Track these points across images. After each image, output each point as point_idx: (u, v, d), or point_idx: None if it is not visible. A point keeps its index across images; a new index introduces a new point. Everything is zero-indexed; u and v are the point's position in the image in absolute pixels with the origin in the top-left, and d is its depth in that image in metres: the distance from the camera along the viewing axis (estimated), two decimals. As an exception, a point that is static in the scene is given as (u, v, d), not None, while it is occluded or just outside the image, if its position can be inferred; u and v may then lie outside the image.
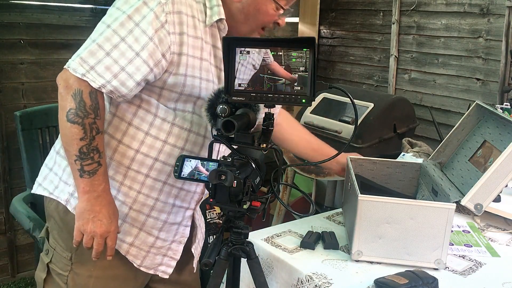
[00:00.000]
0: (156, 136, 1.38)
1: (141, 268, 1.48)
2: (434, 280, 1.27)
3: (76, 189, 1.35)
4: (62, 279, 1.45)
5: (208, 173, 1.25)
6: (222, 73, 1.41)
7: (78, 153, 1.29)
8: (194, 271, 1.64)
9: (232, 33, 1.40)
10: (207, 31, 1.38)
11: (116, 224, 1.34)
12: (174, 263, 1.53)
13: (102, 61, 1.26)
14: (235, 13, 1.38)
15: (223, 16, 1.36)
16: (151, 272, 1.50)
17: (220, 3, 1.36)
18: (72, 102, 1.26)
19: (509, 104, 2.44)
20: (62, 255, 1.45)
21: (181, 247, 1.54)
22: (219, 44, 1.39)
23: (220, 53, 1.40)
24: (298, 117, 3.03)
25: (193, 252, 1.60)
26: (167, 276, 1.53)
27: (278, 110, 1.72)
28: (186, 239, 1.54)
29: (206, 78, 1.38)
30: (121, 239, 1.43)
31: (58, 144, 1.47)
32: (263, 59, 1.57)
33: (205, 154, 1.42)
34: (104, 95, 1.30)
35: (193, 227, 1.58)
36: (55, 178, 1.45)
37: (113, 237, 1.34)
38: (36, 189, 1.49)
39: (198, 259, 1.62)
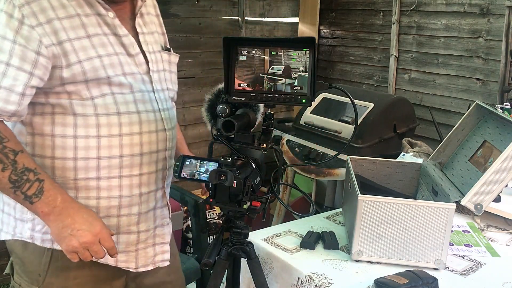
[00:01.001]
0: (86, 135, 1.25)
1: (140, 269, 1.42)
2: (434, 280, 1.27)
3: (33, 221, 1.27)
4: None
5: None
6: (125, 39, 1.30)
7: (11, 184, 1.17)
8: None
9: None
10: (81, 3, 1.23)
11: (99, 223, 1.23)
12: (167, 247, 1.46)
13: None
14: None
15: None
16: (150, 267, 1.44)
17: None
18: None
19: (509, 104, 2.44)
20: None
21: (167, 229, 1.47)
22: (102, 10, 1.26)
23: (109, 19, 1.26)
24: (298, 117, 3.03)
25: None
26: (168, 263, 1.47)
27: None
28: (168, 219, 1.48)
29: (106, 53, 1.25)
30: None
31: None
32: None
33: (147, 130, 1.34)
34: None
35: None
36: (10, 219, 1.35)
37: (105, 237, 1.23)
38: (3, 236, 1.38)
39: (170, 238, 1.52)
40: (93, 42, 1.24)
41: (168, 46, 1.50)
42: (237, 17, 3.77)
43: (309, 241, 1.51)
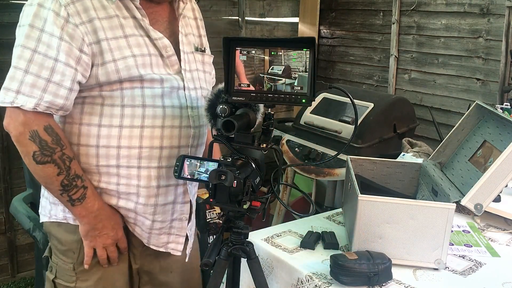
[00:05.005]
0: (109, 124, 1.32)
1: (151, 246, 1.45)
2: (389, 261, 1.30)
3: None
4: None
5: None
6: (158, 42, 1.34)
7: (61, 188, 1.29)
8: (186, 259, 1.55)
9: None
10: (120, 5, 1.30)
11: (121, 232, 1.40)
12: (182, 240, 1.49)
13: (24, 81, 1.21)
14: None
15: None
16: (162, 249, 1.47)
17: None
18: (33, 145, 1.25)
19: (509, 104, 2.44)
20: (65, 268, 1.43)
21: (184, 223, 1.48)
22: (138, 14, 1.31)
23: (144, 24, 1.32)
24: (298, 117, 3.03)
25: (187, 233, 1.51)
26: (178, 253, 1.49)
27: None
28: (188, 215, 1.49)
29: (140, 53, 1.30)
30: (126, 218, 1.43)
31: None
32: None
33: (169, 124, 1.37)
34: (54, 116, 1.28)
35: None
36: (47, 203, 1.44)
37: (122, 240, 1.41)
38: (42, 219, 1.48)
39: (192, 240, 1.56)
40: (129, 42, 1.30)
41: (204, 48, 1.55)
42: (237, 17, 3.77)
43: (309, 241, 1.51)
